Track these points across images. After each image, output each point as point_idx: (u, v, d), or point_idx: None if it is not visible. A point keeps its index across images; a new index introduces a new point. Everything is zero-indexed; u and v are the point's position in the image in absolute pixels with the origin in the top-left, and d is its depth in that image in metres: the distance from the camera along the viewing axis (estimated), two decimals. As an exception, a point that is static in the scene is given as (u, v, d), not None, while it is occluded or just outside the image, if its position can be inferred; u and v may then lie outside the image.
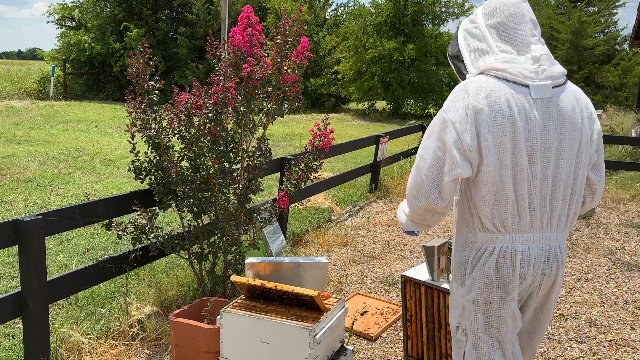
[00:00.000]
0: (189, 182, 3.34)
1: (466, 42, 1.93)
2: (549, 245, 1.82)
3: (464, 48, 1.93)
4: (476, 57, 1.89)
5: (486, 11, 1.90)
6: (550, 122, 1.80)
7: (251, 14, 3.50)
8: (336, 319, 2.68)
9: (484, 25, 1.89)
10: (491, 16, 1.89)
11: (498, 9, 1.88)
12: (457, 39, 1.96)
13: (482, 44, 1.88)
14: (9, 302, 2.77)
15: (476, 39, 1.91)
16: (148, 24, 20.98)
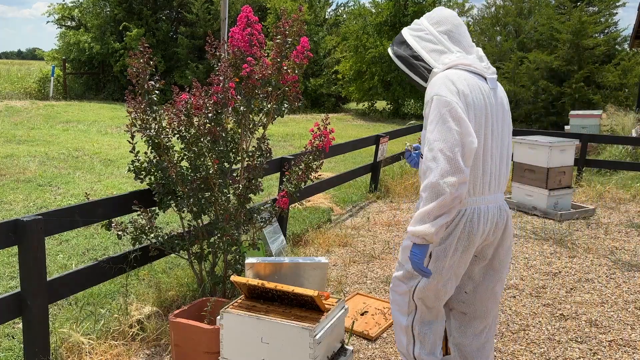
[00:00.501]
0: (188, 182, 3.34)
1: (421, 45, 2.28)
2: (498, 203, 2.31)
3: (421, 50, 2.28)
4: (437, 56, 2.25)
5: (433, 21, 2.31)
6: (498, 108, 2.27)
7: (250, 14, 3.50)
8: (336, 319, 2.68)
9: (436, 32, 2.29)
10: (439, 25, 2.30)
11: (443, 19, 2.31)
12: (409, 44, 2.30)
13: (437, 46, 2.27)
14: (9, 302, 2.76)
15: (431, 43, 2.28)
16: (148, 24, 20.98)
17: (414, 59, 2.28)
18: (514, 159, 6.77)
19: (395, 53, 2.36)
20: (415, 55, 2.28)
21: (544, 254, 5.00)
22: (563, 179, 6.41)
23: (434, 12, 2.35)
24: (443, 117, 2.05)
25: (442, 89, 2.10)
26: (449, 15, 2.33)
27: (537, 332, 3.53)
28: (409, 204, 6.76)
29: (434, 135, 2.06)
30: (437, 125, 2.06)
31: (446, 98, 2.07)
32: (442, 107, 2.07)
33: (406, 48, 2.31)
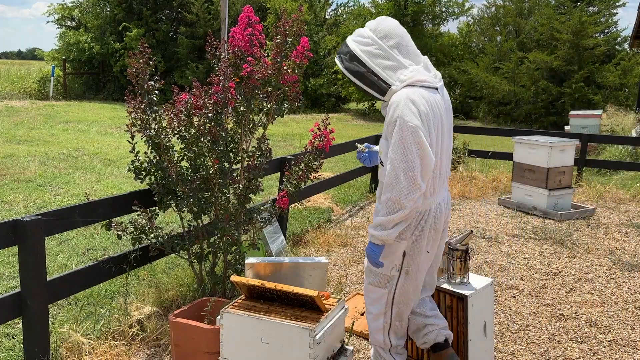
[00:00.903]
0: (188, 182, 3.34)
1: (375, 62, 2.34)
2: (445, 198, 2.57)
3: (376, 67, 2.34)
4: (392, 73, 2.34)
5: (381, 35, 2.36)
6: (447, 114, 2.47)
7: (251, 14, 3.50)
8: (336, 319, 2.68)
9: (386, 46, 2.34)
10: (388, 39, 2.36)
11: (390, 32, 2.36)
12: (361, 60, 2.34)
13: (391, 62, 2.34)
14: (9, 302, 2.76)
15: (383, 59, 2.34)
16: (148, 24, 20.97)
17: (371, 75, 2.34)
18: (514, 159, 6.78)
19: (347, 68, 2.38)
20: (369, 71, 2.35)
21: (544, 254, 5.00)
22: (563, 179, 6.41)
23: (379, 25, 2.38)
24: (406, 141, 2.25)
25: (405, 112, 2.26)
26: (395, 26, 2.38)
27: (537, 332, 3.53)
28: (409, 204, 6.75)
29: (397, 156, 2.27)
30: (399, 148, 2.26)
31: (410, 123, 2.24)
32: (406, 132, 2.24)
33: (358, 64, 2.35)
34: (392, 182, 2.29)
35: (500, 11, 21.46)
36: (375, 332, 2.67)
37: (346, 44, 2.39)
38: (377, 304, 2.61)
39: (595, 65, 17.27)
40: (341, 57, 2.40)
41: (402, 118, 2.26)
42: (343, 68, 2.40)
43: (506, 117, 18.38)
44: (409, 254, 2.48)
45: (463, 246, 2.78)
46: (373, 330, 2.67)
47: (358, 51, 2.35)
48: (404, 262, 2.50)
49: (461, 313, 2.71)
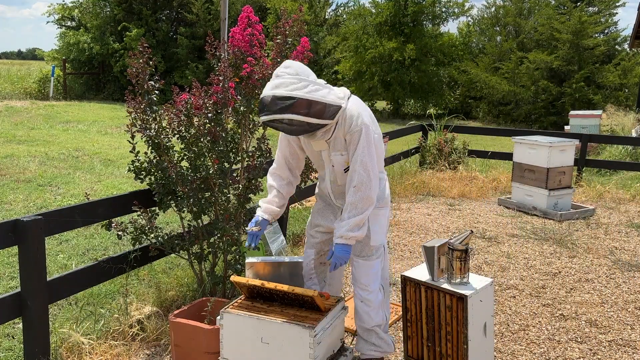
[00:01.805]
0: (188, 182, 3.34)
1: (319, 95, 2.49)
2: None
3: (323, 99, 2.50)
4: (331, 97, 2.54)
5: (305, 75, 2.54)
6: None
7: (251, 14, 3.50)
8: (336, 319, 2.68)
9: (314, 80, 2.54)
10: (309, 74, 2.57)
11: (304, 69, 2.58)
12: (316, 100, 2.48)
13: (326, 89, 2.56)
14: (9, 302, 2.76)
15: (321, 90, 2.52)
16: (148, 24, 20.97)
17: (325, 107, 2.50)
18: (514, 159, 6.78)
19: (307, 114, 2.45)
20: (323, 104, 2.49)
21: (543, 254, 5.00)
22: (563, 179, 6.41)
23: (295, 68, 2.52)
24: (370, 145, 2.58)
25: (366, 121, 2.58)
26: (304, 67, 2.59)
27: (537, 332, 3.53)
28: (408, 204, 6.76)
29: (367, 159, 2.57)
30: (368, 151, 2.57)
31: (374, 133, 2.62)
32: (370, 137, 2.58)
33: (309, 104, 2.45)
34: (364, 181, 2.58)
35: (500, 11, 21.46)
36: (379, 309, 2.85)
37: (285, 97, 2.43)
38: (375, 277, 2.82)
39: (595, 65, 17.28)
40: (287, 109, 2.43)
41: (367, 125, 2.57)
42: (297, 116, 2.44)
43: (506, 117, 18.38)
44: (386, 223, 2.86)
45: (463, 246, 2.78)
46: (376, 307, 2.84)
47: (303, 94, 2.45)
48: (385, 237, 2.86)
49: (461, 313, 2.71)
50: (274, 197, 2.85)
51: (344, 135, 2.60)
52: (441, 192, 7.29)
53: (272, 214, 2.84)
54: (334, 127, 2.60)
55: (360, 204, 2.59)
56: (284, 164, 2.86)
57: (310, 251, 3.01)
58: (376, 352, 2.94)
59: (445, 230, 5.72)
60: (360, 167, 2.57)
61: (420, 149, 8.65)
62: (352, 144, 2.59)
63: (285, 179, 2.87)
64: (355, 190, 2.59)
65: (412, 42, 18.76)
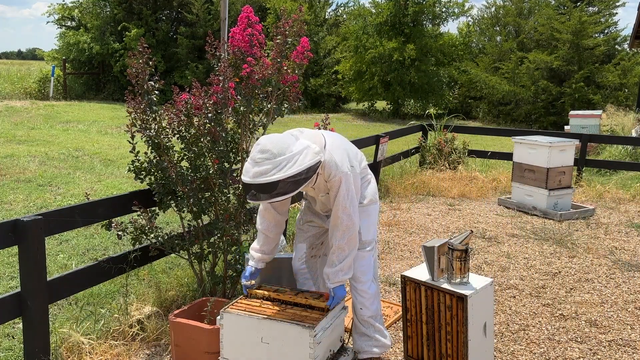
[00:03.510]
0: (188, 182, 3.34)
1: (298, 166, 2.46)
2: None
3: (304, 166, 2.47)
4: (310, 156, 2.51)
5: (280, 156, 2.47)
6: None
7: (251, 14, 3.50)
8: (336, 319, 2.68)
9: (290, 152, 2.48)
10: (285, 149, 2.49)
11: (281, 141, 2.52)
12: (293, 176, 2.45)
13: (301, 155, 2.49)
14: (9, 302, 2.76)
15: (299, 157, 2.48)
16: (148, 24, 20.96)
17: (308, 171, 2.52)
18: (514, 159, 6.78)
19: (289, 192, 2.48)
20: (305, 172, 2.50)
21: (544, 254, 5.00)
22: (563, 179, 6.41)
23: (273, 148, 2.48)
24: (350, 191, 2.68)
25: (344, 167, 2.66)
26: (275, 136, 2.58)
27: (537, 332, 3.53)
28: (408, 204, 6.76)
29: (348, 203, 2.68)
30: (348, 197, 2.68)
31: (352, 176, 2.70)
32: (349, 184, 2.67)
33: (292, 179, 2.46)
34: (349, 226, 2.70)
35: (500, 11, 21.44)
36: (374, 299, 2.96)
37: (268, 183, 2.44)
38: (368, 268, 2.94)
39: (595, 65, 17.26)
40: (273, 193, 2.45)
41: (345, 173, 2.66)
42: (285, 196, 2.49)
43: (506, 117, 18.37)
44: (377, 214, 3.01)
45: (463, 246, 2.78)
46: (371, 298, 2.95)
47: (285, 175, 2.44)
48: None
49: (461, 313, 2.71)
50: (263, 244, 2.87)
51: (325, 180, 2.71)
52: (441, 192, 7.29)
53: (265, 262, 2.92)
54: (316, 177, 2.67)
55: (347, 247, 2.74)
56: (269, 206, 2.83)
57: (302, 245, 3.07)
58: (375, 347, 2.98)
59: (445, 230, 5.72)
60: (342, 214, 2.69)
61: (420, 149, 8.65)
62: (333, 191, 2.71)
63: (272, 221, 2.86)
64: (341, 235, 2.72)
65: (412, 42, 18.75)
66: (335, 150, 2.71)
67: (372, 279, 2.97)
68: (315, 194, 2.86)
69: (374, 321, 2.97)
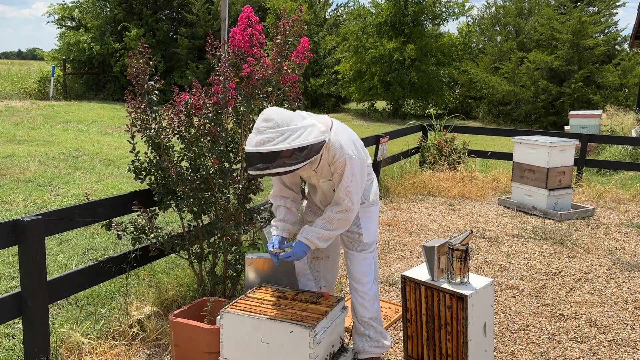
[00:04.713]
0: (188, 182, 3.34)
1: (302, 140, 2.46)
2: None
3: (307, 141, 2.47)
4: (315, 134, 2.50)
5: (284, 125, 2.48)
6: None
7: (251, 14, 3.50)
8: (336, 319, 2.68)
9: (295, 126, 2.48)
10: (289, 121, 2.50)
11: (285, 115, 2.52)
12: (303, 147, 2.46)
13: (308, 129, 2.49)
14: (9, 302, 2.77)
15: (304, 132, 2.48)
16: (148, 24, 20.96)
17: (311, 148, 2.50)
18: (514, 159, 6.78)
19: (290, 165, 2.46)
20: (308, 147, 2.50)
21: (544, 254, 5.00)
22: (563, 179, 6.41)
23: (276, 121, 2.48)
24: (354, 174, 2.66)
25: (349, 150, 2.64)
26: (278, 109, 2.59)
27: (537, 332, 3.53)
28: (408, 204, 6.76)
29: (352, 187, 2.66)
30: (352, 180, 2.66)
31: (357, 160, 2.67)
32: (354, 166, 2.65)
33: (295, 152, 2.47)
34: (349, 207, 2.69)
35: (500, 11, 21.44)
36: (374, 301, 2.96)
37: (270, 152, 2.43)
38: (369, 270, 2.94)
39: (595, 65, 17.25)
40: (274, 164, 2.44)
41: (349, 156, 2.64)
42: (286, 168, 2.46)
43: (506, 117, 18.37)
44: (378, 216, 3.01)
45: (463, 246, 2.78)
46: (371, 299, 2.95)
47: (287, 146, 2.45)
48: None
49: (461, 313, 2.71)
50: (285, 215, 2.90)
51: (329, 164, 2.68)
52: (441, 192, 7.29)
53: (290, 232, 2.92)
54: (320, 158, 2.65)
55: (336, 223, 2.72)
56: (282, 186, 2.92)
57: None
58: (375, 347, 2.98)
59: (445, 230, 5.72)
60: (344, 195, 2.68)
61: (420, 149, 8.65)
62: (337, 173, 2.68)
63: (289, 197, 2.92)
64: (337, 211, 2.71)
65: (412, 42, 18.75)
66: (341, 133, 2.69)
67: (373, 280, 2.96)
68: (317, 180, 2.82)
69: (374, 322, 2.97)
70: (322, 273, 3.12)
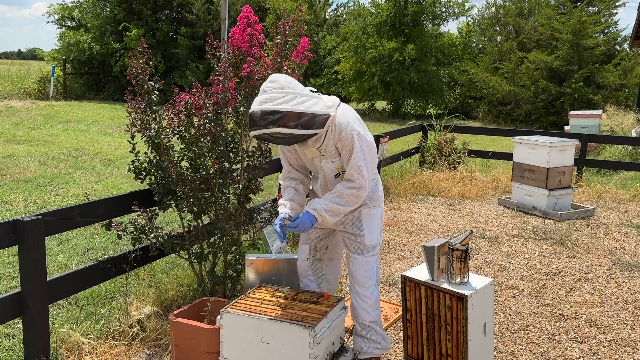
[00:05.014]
0: (188, 182, 3.34)
1: (306, 106, 2.50)
2: None
3: (311, 110, 2.51)
4: (320, 106, 2.55)
5: (291, 87, 2.55)
6: None
7: (250, 14, 3.50)
8: (336, 319, 2.68)
9: (300, 91, 2.54)
10: (296, 86, 2.57)
11: (291, 81, 2.59)
12: (300, 112, 2.48)
13: (313, 99, 2.56)
14: (9, 302, 2.76)
15: (309, 100, 2.53)
16: (148, 24, 20.96)
17: (313, 118, 2.51)
18: (514, 159, 6.78)
19: (291, 127, 2.47)
20: (311, 114, 2.52)
21: (544, 254, 5.00)
22: (563, 179, 6.41)
23: (281, 81, 2.54)
24: (364, 150, 2.63)
25: (356, 126, 2.63)
26: (287, 76, 2.63)
27: (537, 332, 3.53)
28: (408, 204, 6.76)
29: (362, 163, 2.63)
30: (362, 156, 2.63)
31: (366, 137, 2.65)
32: (362, 142, 2.62)
33: (297, 116, 2.47)
34: (360, 184, 2.65)
35: (500, 11, 21.44)
36: (376, 305, 2.92)
37: (273, 111, 2.44)
38: (372, 273, 2.91)
39: (595, 65, 17.25)
40: (275, 122, 2.44)
41: (357, 131, 2.61)
42: (286, 129, 2.46)
43: (506, 117, 18.37)
44: (380, 222, 2.95)
45: (463, 246, 2.78)
46: (372, 303, 2.91)
47: (290, 108, 2.47)
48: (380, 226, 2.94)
49: (461, 313, 2.71)
50: (294, 195, 2.92)
51: (335, 143, 2.66)
52: (441, 192, 7.29)
53: (297, 212, 2.90)
54: (324, 135, 2.64)
55: (346, 198, 2.66)
56: (290, 167, 2.95)
57: (305, 247, 3.05)
58: (376, 349, 2.96)
59: (445, 230, 5.72)
60: (355, 172, 2.64)
61: (420, 149, 8.65)
62: (345, 150, 2.64)
63: (297, 179, 2.95)
64: (349, 187, 2.66)
65: (412, 42, 18.75)
66: (349, 112, 2.68)
67: (375, 284, 2.94)
68: (320, 162, 2.78)
69: (375, 325, 2.95)
70: (325, 276, 3.11)
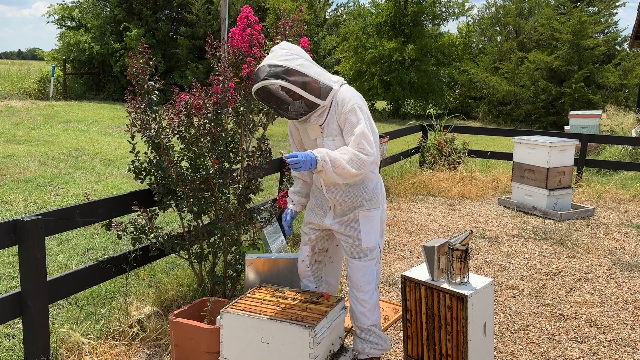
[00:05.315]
0: (188, 182, 3.34)
1: (310, 71, 2.60)
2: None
3: (314, 75, 2.61)
4: (324, 78, 2.64)
5: (297, 53, 2.63)
6: None
7: (250, 14, 3.50)
8: (336, 319, 2.68)
9: (307, 60, 2.65)
10: (303, 54, 2.67)
11: (301, 49, 2.70)
12: (301, 71, 2.56)
13: (319, 69, 2.67)
14: (9, 302, 2.76)
15: (312, 69, 2.62)
16: (148, 24, 20.96)
17: (313, 82, 2.58)
18: (514, 159, 6.78)
19: (292, 82, 2.53)
20: (313, 79, 2.60)
21: (544, 254, 5.00)
22: (563, 179, 6.41)
23: (289, 45, 2.68)
24: (370, 121, 2.67)
25: (359, 101, 2.67)
26: (298, 47, 2.72)
27: (537, 332, 3.53)
28: (408, 204, 6.76)
29: (367, 130, 2.62)
30: (366, 124, 2.63)
31: (366, 110, 2.68)
32: (366, 115, 2.66)
33: (300, 75, 2.56)
34: (368, 150, 2.61)
35: (500, 11, 21.44)
36: (375, 309, 2.91)
37: (277, 65, 2.53)
38: (371, 278, 2.88)
39: (595, 66, 17.25)
40: (278, 75, 2.51)
41: (359, 104, 2.65)
42: (287, 83, 2.52)
43: (506, 117, 18.38)
44: (381, 222, 2.91)
45: (463, 246, 2.78)
46: (372, 308, 2.89)
47: (294, 65, 2.55)
48: (381, 229, 2.93)
49: (461, 313, 2.71)
50: (301, 187, 3.02)
51: (337, 118, 2.67)
52: (441, 192, 7.29)
53: (304, 205, 3.02)
54: (327, 111, 2.67)
55: (351, 156, 2.58)
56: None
57: (305, 248, 3.05)
58: (375, 349, 2.96)
59: (445, 230, 5.72)
60: (362, 139, 2.60)
61: (420, 149, 8.65)
62: (349, 122, 2.63)
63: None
64: (356, 148, 2.60)
65: (412, 42, 18.76)
66: (354, 91, 2.72)
67: (375, 287, 2.92)
68: (321, 141, 2.75)
69: (374, 328, 2.94)
70: (325, 278, 3.11)
